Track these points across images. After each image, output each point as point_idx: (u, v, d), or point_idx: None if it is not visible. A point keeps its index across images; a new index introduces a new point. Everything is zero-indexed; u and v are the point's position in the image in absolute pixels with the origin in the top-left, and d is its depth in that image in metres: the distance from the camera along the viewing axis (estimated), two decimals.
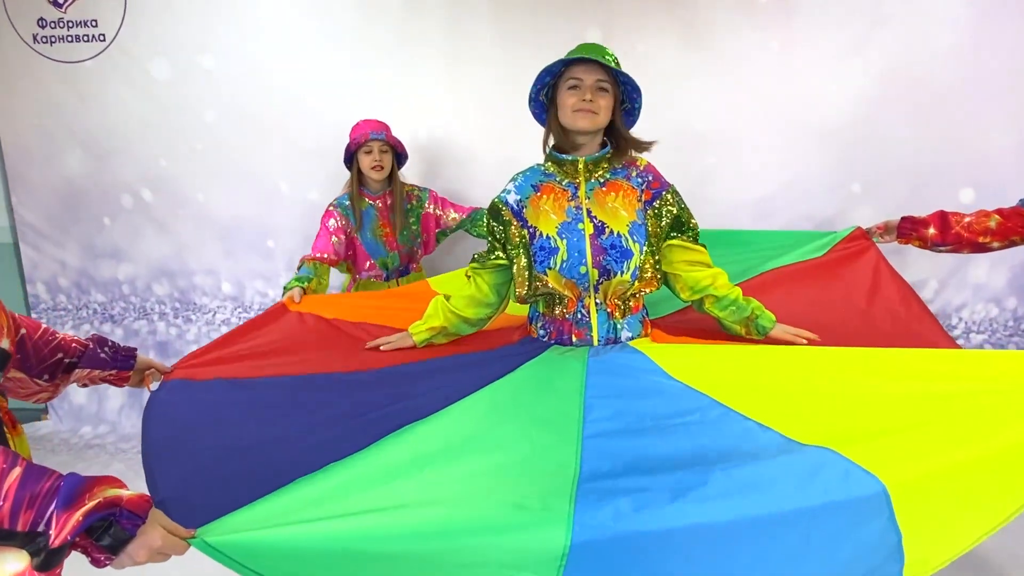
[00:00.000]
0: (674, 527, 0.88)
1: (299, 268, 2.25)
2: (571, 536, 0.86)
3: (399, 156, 2.48)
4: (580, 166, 1.56)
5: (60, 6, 3.05)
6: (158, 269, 3.27)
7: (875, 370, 1.24)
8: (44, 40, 3.07)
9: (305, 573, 0.90)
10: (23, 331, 1.13)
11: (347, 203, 2.45)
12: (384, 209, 2.47)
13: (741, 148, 2.82)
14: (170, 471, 1.09)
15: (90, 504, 0.82)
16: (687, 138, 2.81)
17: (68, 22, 3.05)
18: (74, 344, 1.25)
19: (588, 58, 1.47)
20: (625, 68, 2.40)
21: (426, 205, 2.55)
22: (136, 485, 0.95)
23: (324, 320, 1.80)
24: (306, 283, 2.08)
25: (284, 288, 2.07)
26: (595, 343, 1.53)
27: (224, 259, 3.23)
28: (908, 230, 1.92)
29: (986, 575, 2.12)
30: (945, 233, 1.86)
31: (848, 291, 1.78)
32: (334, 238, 2.36)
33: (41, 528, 0.79)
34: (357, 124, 2.47)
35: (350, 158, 2.45)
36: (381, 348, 1.63)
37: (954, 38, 2.62)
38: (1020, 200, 1.81)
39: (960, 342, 2.86)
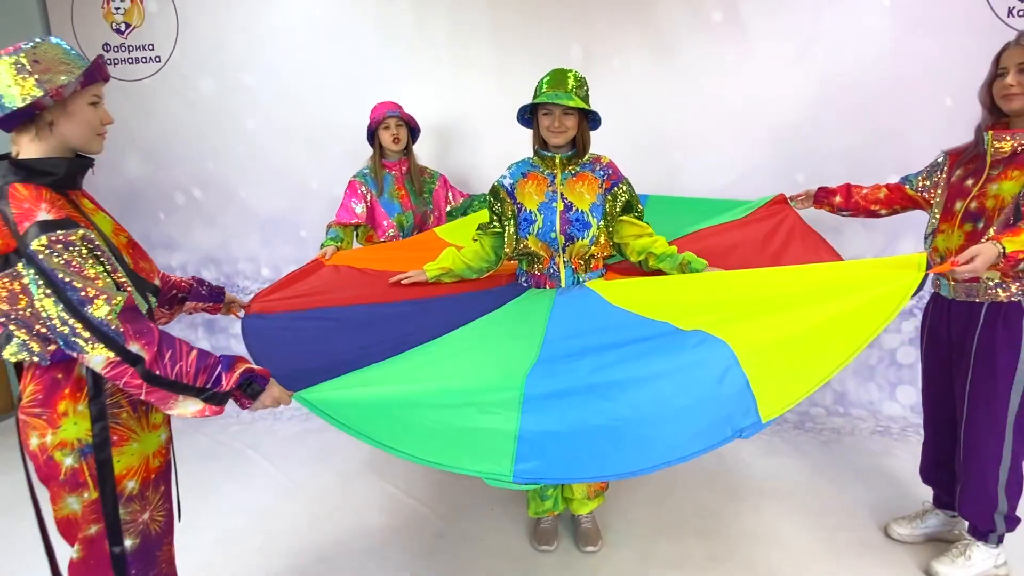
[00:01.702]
0: (593, 383, 1.38)
1: (328, 231, 2.73)
2: (523, 394, 1.35)
3: (412, 130, 2.90)
4: (557, 160, 2.05)
5: (122, 33, 3.57)
6: (206, 256, 3.78)
7: (748, 282, 1.72)
8: (109, 62, 3.58)
9: (359, 419, 1.39)
10: None
11: (367, 173, 2.86)
12: (400, 176, 2.86)
13: (703, 145, 3.28)
14: (270, 364, 1.59)
15: (240, 369, 1.32)
16: (657, 138, 3.30)
17: (129, 47, 3.57)
18: (183, 283, 1.74)
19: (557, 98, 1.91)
20: (602, 79, 2.96)
21: (437, 184, 2.98)
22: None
23: (356, 269, 2.29)
24: (339, 243, 2.58)
25: (321, 245, 2.56)
26: None
27: (263, 247, 3.73)
28: (822, 197, 2.37)
29: None
30: (847, 201, 2.32)
31: (762, 237, 2.25)
32: (356, 205, 2.79)
33: (210, 384, 1.29)
34: (375, 107, 2.84)
35: (371, 135, 2.87)
36: (402, 282, 2.13)
37: (880, 49, 3.08)
38: (900, 178, 2.26)
39: None
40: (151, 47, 3.56)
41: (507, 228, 2.08)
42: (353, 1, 3.38)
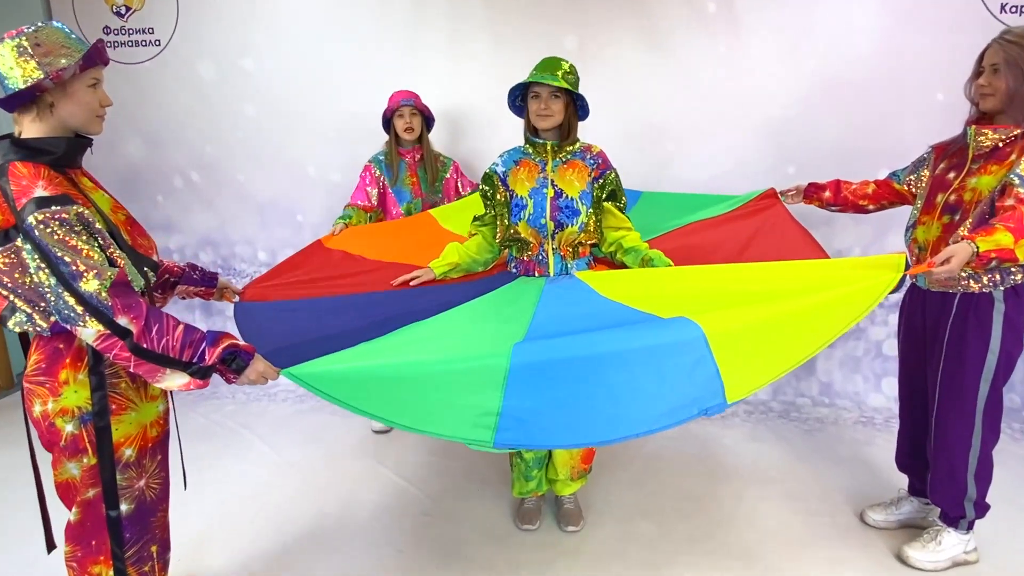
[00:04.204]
0: (573, 356, 1.44)
1: (344, 210, 2.82)
2: (510, 361, 1.41)
3: (428, 121, 2.96)
4: (548, 147, 2.09)
5: (122, 16, 3.60)
6: (204, 239, 3.82)
7: (731, 276, 1.78)
8: (109, 45, 3.60)
9: (347, 391, 1.43)
10: None
11: (382, 159, 2.92)
12: (413, 163, 2.94)
13: (694, 136, 3.31)
14: (259, 343, 1.63)
15: (224, 344, 1.37)
16: (648, 128, 3.33)
17: (129, 30, 3.60)
18: (175, 268, 1.80)
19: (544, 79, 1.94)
20: (595, 69, 2.97)
21: (449, 172, 3.04)
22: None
23: (351, 255, 2.33)
24: (347, 220, 2.66)
25: (334, 224, 2.64)
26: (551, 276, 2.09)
27: (260, 231, 3.77)
28: (812, 192, 2.41)
29: None
30: (836, 196, 2.36)
31: (750, 231, 2.28)
32: (369, 189, 2.88)
33: (196, 359, 1.34)
34: (393, 94, 2.89)
35: (387, 122, 2.91)
36: (411, 284, 2.11)
37: (872, 44, 3.11)
38: (888, 174, 2.31)
39: None
40: (151, 30, 3.58)
41: (499, 214, 2.13)
42: None
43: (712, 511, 2.42)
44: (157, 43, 3.59)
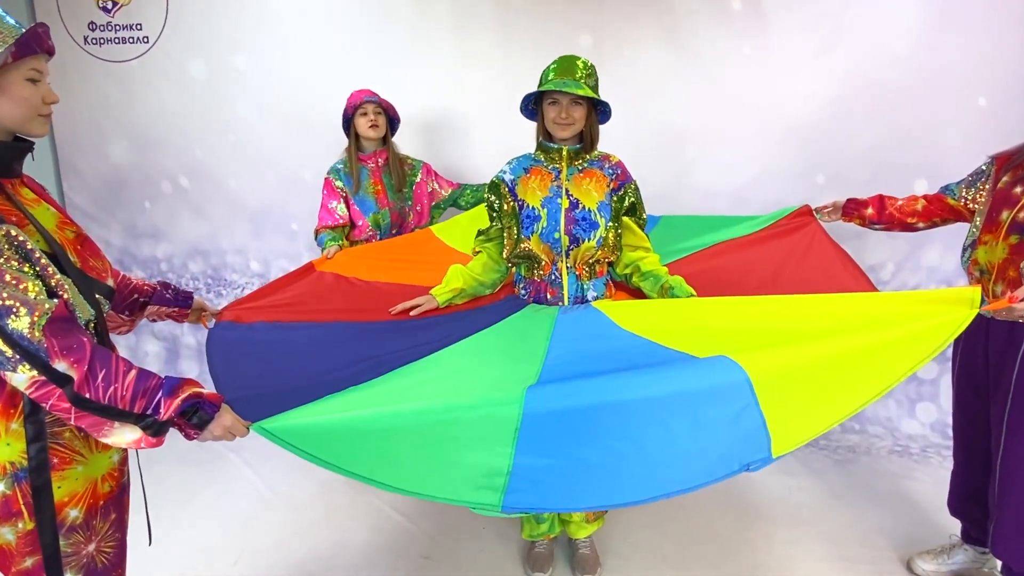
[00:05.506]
0: (597, 403, 1.23)
1: (317, 236, 2.58)
2: (523, 410, 1.20)
3: (392, 121, 2.67)
4: (563, 153, 1.87)
5: (109, 11, 3.39)
6: (193, 248, 3.61)
7: (774, 312, 1.56)
8: (94, 42, 3.41)
9: (330, 448, 1.22)
10: None
11: (340, 167, 2.64)
12: (376, 169, 2.64)
13: (717, 142, 3.09)
14: (230, 386, 1.41)
15: (184, 394, 1.15)
16: (668, 133, 3.11)
17: (116, 26, 3.39)
18: (145, 287, 1.58)
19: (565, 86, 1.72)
20: (612, 69, 2.73)
21: (419, 175, 2.73)
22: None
23: (343, 278, 2.11)
24: (339, 243, 2.44)
25: (323, 247, 2.43)
26: (566, 300, 1.86)
27: (252, 240, 3.56)
28: (852, 209, 2.19)
29: None
30: (881, 213, 2.14)
31: (784, 253, 2.07)
32: (337, 205, 2.60)
33: (150, 411, 1.12)
34: (351, 94, 2.61)
35: (347, 124, 2.64)
36: (411, 314, 1.86)
37: (909, 45, 2.88)
38: (941, 188, 2.09)
39: None
40: (139, 27, 3.37)
41: (508, 227, 1.91)
42: None
43: (741, 557, 2.20)
44: (145, 40, 3.38)
